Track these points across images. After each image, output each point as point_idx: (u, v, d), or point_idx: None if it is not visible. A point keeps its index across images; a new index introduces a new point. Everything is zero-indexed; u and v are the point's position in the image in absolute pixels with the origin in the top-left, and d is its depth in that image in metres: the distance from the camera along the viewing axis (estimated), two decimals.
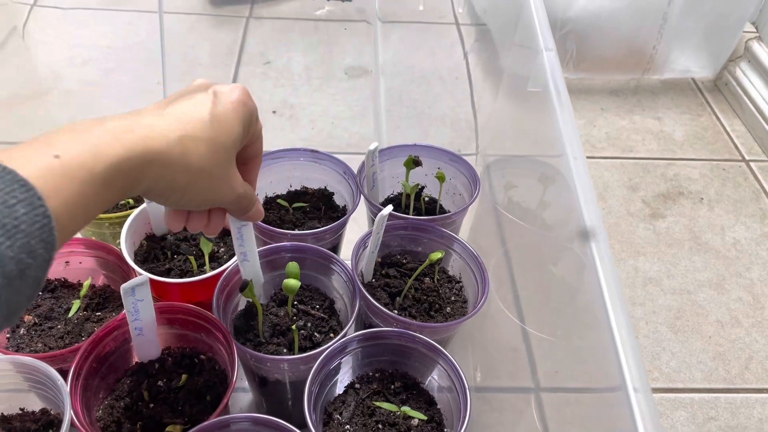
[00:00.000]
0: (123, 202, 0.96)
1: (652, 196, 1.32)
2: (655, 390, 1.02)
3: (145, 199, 0.84)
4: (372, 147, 0.90)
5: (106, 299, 0.82)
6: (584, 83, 1.62)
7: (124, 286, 0.66)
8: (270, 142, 1.04)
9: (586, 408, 0.91)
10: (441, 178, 0.94)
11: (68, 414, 0.64)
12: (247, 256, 0.71)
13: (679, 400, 1.00)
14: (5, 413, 0.73)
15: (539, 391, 0.92)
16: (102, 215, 0.86)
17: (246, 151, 0.58)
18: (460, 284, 0.88)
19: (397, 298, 0.84)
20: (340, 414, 0.74)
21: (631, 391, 0.60)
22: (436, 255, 0.79)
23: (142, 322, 0.71)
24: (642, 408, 0.59)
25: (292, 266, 0.77)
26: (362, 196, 0.91)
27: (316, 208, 0.98)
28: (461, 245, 0.86)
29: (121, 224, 0.85)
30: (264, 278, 0.79)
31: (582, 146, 0.76)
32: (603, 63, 1.59)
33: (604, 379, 0.86)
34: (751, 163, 1.43)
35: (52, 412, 0.73)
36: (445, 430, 0.74)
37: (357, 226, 1.02)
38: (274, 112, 1.38)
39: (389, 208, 0.78)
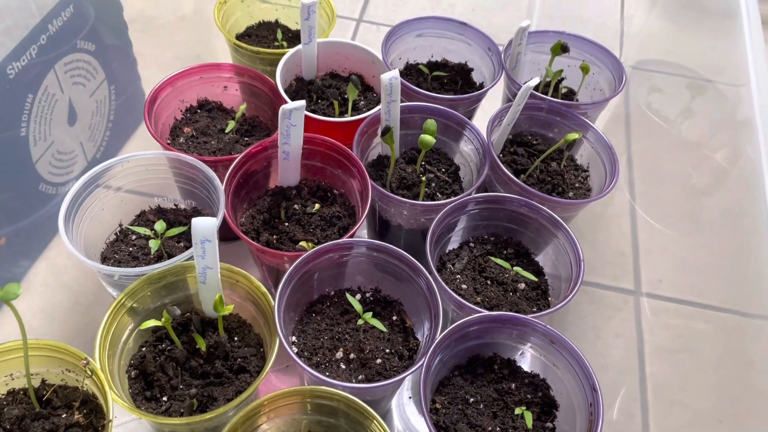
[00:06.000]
0: (277, 43, 1.01)
1: None
2: None
3: (302, 41, 0.88)
4: (524, 24, 0.89)
5: (253, 127, 0.89)
6: None
7: (283, 107, 0.72)
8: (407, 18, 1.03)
9: (687, 319, 0.92)
10: (585, 69, 0.93)
11: (222, 211, 0.72)
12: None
13: None
14: (161, 205, 0.82)
15: (639, 295, 0.94)
16: (259, 49, 0.91)
17: None
18: (587, 173, 0.88)
19: (521, 176, 0.86)
20: (453, 264, 0.79)
21: None
22: (573, 135, 0.80)
23: (291, 146, 0.77)
24: None
25: (431, 123, 0.80)
26: (504, 72, 0.91)
27: (454, 81, 1.00)
28: (596, 133, 0.86)
29: (273, 62, 0.90)
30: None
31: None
32: None
33: (729, 300, 0.85)
34: None
35: (201, 211, 0.82)
36: (550, 299, 0.77)
37: (483, 114, 1.03)
38: None
39: (536, 79, 0.79)
